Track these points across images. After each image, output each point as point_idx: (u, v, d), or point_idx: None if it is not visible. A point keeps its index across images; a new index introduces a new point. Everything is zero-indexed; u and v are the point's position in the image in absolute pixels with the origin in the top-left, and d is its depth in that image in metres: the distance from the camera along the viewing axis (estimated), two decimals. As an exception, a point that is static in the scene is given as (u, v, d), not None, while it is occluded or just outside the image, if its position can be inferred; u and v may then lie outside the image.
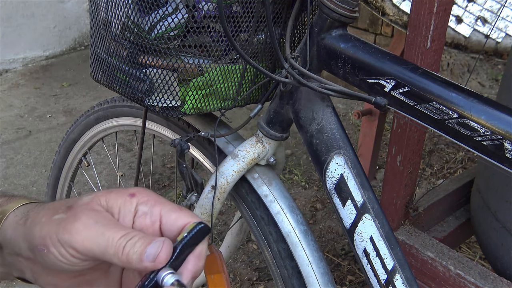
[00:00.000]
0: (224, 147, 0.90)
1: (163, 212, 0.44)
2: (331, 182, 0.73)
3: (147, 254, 0.40)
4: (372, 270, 0.71)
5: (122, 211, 0.44)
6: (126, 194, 0.44)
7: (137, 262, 0.40)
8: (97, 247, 0.40)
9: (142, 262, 0.40)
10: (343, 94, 0.67)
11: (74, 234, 0.40)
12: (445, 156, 2.38)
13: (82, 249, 0.40)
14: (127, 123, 1.09)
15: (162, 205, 0.44)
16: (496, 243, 1.06)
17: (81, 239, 0.40)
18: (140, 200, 0.44)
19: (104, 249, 0.40)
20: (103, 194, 0.44)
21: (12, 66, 3.40)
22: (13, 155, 2.40)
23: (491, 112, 0.56)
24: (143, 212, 0.44)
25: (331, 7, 0.67)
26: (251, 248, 1.83)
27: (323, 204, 2.05)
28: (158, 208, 0.44)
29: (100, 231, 0.41)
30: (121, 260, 0.40)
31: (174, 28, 0.75)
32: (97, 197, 0.44)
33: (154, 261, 0.40)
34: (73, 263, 0.41)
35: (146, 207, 0.44)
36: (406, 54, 0.86)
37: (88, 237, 0.40)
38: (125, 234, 0.41)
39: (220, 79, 0.82)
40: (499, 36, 1.31)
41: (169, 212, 0.44)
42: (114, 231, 0.41)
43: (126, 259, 0.40)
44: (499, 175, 1.02)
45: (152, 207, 0.44)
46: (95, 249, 0.40)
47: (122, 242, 0.40)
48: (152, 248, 0.40)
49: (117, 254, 0.40)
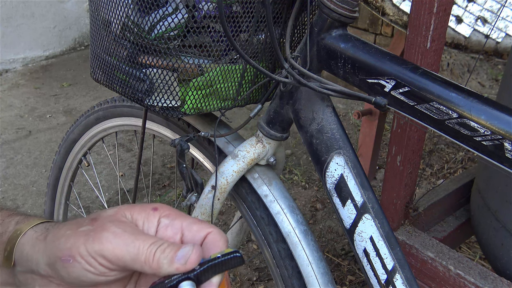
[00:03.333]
0: (224, 147, 0.90)
1: (184, 224, 0.45)
2: (331, 182, 0.73)
3: (178, 257, 0.41)
4: (372, 270, 0.71)
5: (146, 224, 0.45)
6: (149, 208, 0.46)
7: (168, 266, 0.41)
8: (127, 254, 0.41)
9: (173, 264, 0.41)
10: (343, 94, 0.67)
11: (104, 243, 0.41)
12: (445, 156, 2.38)
13: (112, 257, 0.41)
14: (127, 123, 1.09)
15: (184, 218, 0.46)
16: (496, 243, 1.06)
17: (111, 248, 0.41)
18: (163, 214, 0.46)
19: (135, 256, 0.41)
20: (127, 207, 0.46)
21: (12, 66, 3.40)
22: (13, 155, 2.40)
23: (491, 112, 0.56)
24: (165, 225, 0.46)
25: (331, 7, 0.67)
26: (251, 248, 1.83)
27: (323, 204, 2.05)
28: (180, 221, 0.46)
29: (129, 240, 0.42)
30: (151, 267, 0.41)
31: (174, 28, 0.75)
32: (121, 210, 0.45)
33: (185, 263, 0.41)
34: (100, 272, 0.42)
35: (168, 220, 0.46)
36: (406, 54, 0.86)
37: (118, 246, 0.41)
38: (155, 242, 0.42)
39: (220, 79, 0.82)
40: (499, 36, 1.31)
41: (191, 224, 0.45)
42: (143, 239, 0.42)
43: (157, 265, 0.41)
44: (499, 175, 1.02)
45: (173, 220, 0.46)
46: (125, 256, 0.41)
47: (153, 249, 0.42)
48: (182, 251, 0.42)
49: (148, 261, 0.41)
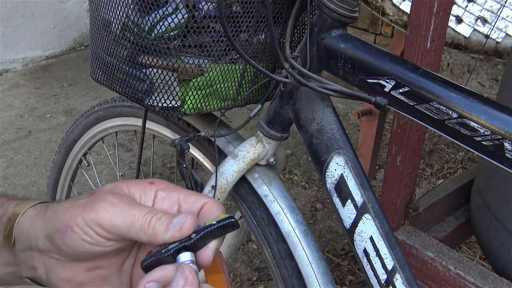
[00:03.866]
0: (224, 147, 0.90)
1: (181, 197, 0.46)
2: (331, 182, 0.73)
3: (173, 224, 0.42)
4: (372, 270, 0.71)
5: (143, 196, 0.46)
6: (146, 182, 0.47)
7: (163, 233, 0.41)
8: (123, 222, 0.42)
9: (168, 231, 0.41)
10: (343, 94, 0.67)
11: (101, 212, 0.42)
12: (445, 156, 2.38)
13: (108, 225, 0.42)
14: (127, 123, 1.09)
15: (181, 191, 0.47)
16: (496, 243, 1.06)
17: (108, 216, 0.42)
18: (159, 187, 0.47)
19: (131, 224, 0.42)
20: (124, 182, 0.47)
21: (12, 66, 3.40)
22: (13, 155, 2.40)
23: (491, 112, 0.56)
24: (162, 197, 0.46)
25: (331, 7, 0.67)
26: (251, 248, 1.83)
27: (323, 204, 2.05)
28: (177, 193, 0.46)
29: (126, 209, 0.42)
30: (147, 234, 0.42)
31: (174, 28, 0.75)
32: (119, 185, 0.46)
33: (180, 230, 0.41)
34: (97, 242, 0.42)
35: (164, 193, 0.46)
36: (406, 54, 0.86)
37: (114, 214, 0.42)
38: (151, 211, 0.43)
39: (220, 79, 0.82)
40: (499, 36, 1.31)
41: (188, 196, 0.46)
42: (139, 208, 0.43)
43: (152, 232, 0.42)
44: (499, 175, 1.02)
45: (170, 192, 0.46)
46: (121, 224, 0.42)
47: (148, 217, 0.42)
48: (178, 219, 0.42)
49: (143, 228, 0.42)
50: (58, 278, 0.45)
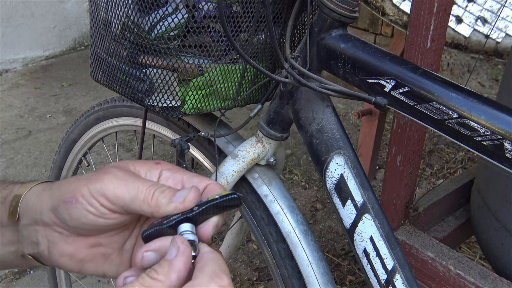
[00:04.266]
0: (224, 147, 0.90)
1: (185, 177, 0.47)
2: (331, 182, 0.73)
3: (176, 196, 0.43)
4: (372, 270, 0.71)
5: (148, 174, 0.47)
6: (152, 162, 0.48)
7: (166, 205, 0.42)
8: (127, 193, 0.43)
9: (171, 203, 0.42)
10: (343, 94, 0.67)
11: (105, 182, 0.43)
12: (445, 156, 2.38)
13: (112, 196, 0.42)
14: (127, 123, 1.09)
15: (184, 172, 0.48)
16: (496, 243, 1.06)
17: (112, 187, 0.43)
18: (165, 167, 0.48)
19: (134, 195, 0.43)
20: (130, 161, 0.48)
21: (12, 66, 3.40)
22: (13, 155, 2.40)
23: (491, 112, 0.56)
24: (167, 176, 0.47)
25: (331, 7, 0.67)
26: (251, 248, 1.83)
27: (323, 204, 2.05)
28: (180, 174, 0.47)
29: (130, 181, 0.43)
30: (150, 205, 0.42)
31: (174, 28, 0.75)
32: (125, 162, 0.48)
33: (183, 202, 0.42)
34: (101, 213, 0.43)
35: (169, 173, 0.47)
36: (406, 54, 0.86)
37: (118, 186, 0.43)
38: (154, 184, 0.44)
39: (220, 79, 0.82)
40: (499, 36, 1.31)
41: (192, 177, 0.47)
42: (144, 181, 0.44)
43: (155, 203, 0.42)
44: (499, 175, 1.02)
45: (174, 173, 0.47)
46: (125, 195, 0.43)
47: (152, 189, 0.43)
48: (181, 192, 0.43)
49: (146, 199, 0.42)
50: (60, 253, 0.46)
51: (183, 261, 0.38)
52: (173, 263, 0.38)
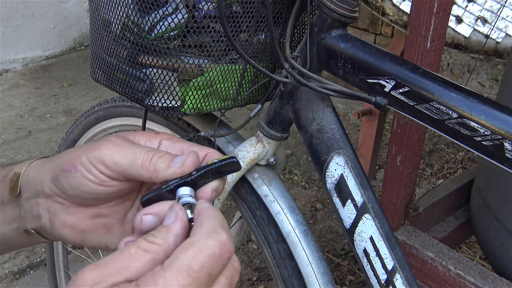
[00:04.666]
0: (224, 147, 0.90)
1: (185, 146, 0.47)
2: (331, 182, 0.73)
3: (175, 161, 0.43)
4: (372, 270, 0.71)
5: (147, 143, 0.47)
6: (151, 132, 0.49)
7: (165, 169, 0.42)
8: (125, 159, 0.43)
9: (170, 168, 0.42)
10: (343, 94, 0.67)
11: (103, 149, 0.43)
12: (445, 156, 2.38)
13: (110, 162, 0.43)
14: (127, 123, 1.09)
15: (184, 142, 0.48)
16: (496, 243, 1.06)
17: (110, 153, 0.43)
18: (164, 137, 0.48)
19: (132, 161, 0.43)
20: (131, 132, 0.49)
21: (12, 66, 3.40)
22: (13, 155, 2.40)
23: (491, 112, 0.56)
24: (166, 145, 0.47)
25: (331, 7, 0.67)
26: (251, 248, 1.83)
27: (323, 204, 2.05)
28: (180, 144, 0.47)
29: (127, 147, 0.44)
30: (148, 170, 0.42)
31: (174, 28, 0.75)
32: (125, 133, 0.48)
33: (182, 166, 0.42)
34: (100, 180, 0.43)
35: (169, 142, 0.47)
36: (406, 54, 0.86)
37: (116, 152, 0.43)
38: (152, 150, 0.44)
39: (220, 79, 0.82)
40: (499, 36, 1.31)
41: (191, 146, 0.47)
42: (142, 147, 0.44)
43: (154, 168, 0.42)
44: (499, 175, 1.02)
45: (174, 142, 0.47)
46: (123, 161, 0.43)
47: (150, 154, 0.43)
48: (180, 157, 0.43)
49: (144, 164, 0.42)
50: (62, 224, 0.46)
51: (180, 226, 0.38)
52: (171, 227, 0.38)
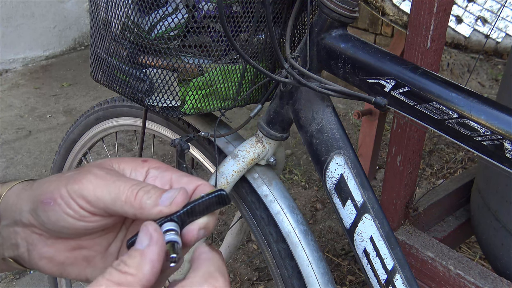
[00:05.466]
0: (224, 147, 0.90)
1: (174, 177, 0.43)
2: (331, 182, 0.73)
3: (163, 198, 0.39)
4: (372, 270, 0.71)
5: (133, 173, 0.43)
6: (139, 160, 0.44)
7: (151, 207, 0.38)
8: (107, 194, 0.39)
9: (157, 206, 0.38)
10: (343, 94, 0.67)
11: (84, 183, 0.39)
12: (445, 156, 2.38)
13: (92, 198, 0.39)
14: (127, 123, 1.09)
15: (173, 171, 0.44)
16: (496, 243, 1.06)
17: (91, 188, 0.39)
18: (152, 165, 0.44)
19: (115, 196, 0.39)
20: (116, 158, 0.44)
21: (12, 66, 3.40)
22: (13, 155, 2.40)
23: (491, 112, 0.56)
24: (154, 176, 0.43)
25: (331, 7, 0.67)
26: (251, 248, 1.83)
27: (323, 204, 2.05)
28: (170, 173, 0.43)
29: (111, 180, 0.39)
30: (133, 206, 0.38)
31: (174, 28, 0.75)
32: (110, 160, 0.44)
33: (170, 205, 0.38)
34: (80, 216, 0.40)
35: (157, 172, 0.43)
36: (406, 54, 0.86)
37: (98, 186, 0.39)
38: (138, 183, 0.40)
39: (220, 79, 0.82)
40: (499, 36, 1.31)
41: (181, 176, 0.43)
42: (126, 180, 0.40)
43: (139, 205, 0.38)
44: (499, 175, 1.02)
45: (163, 172, 0.43)
46: (105, 196, 0.39)
47: (135, 189, 0.39)
48: (168, 193, 0.39)
49: (129, 200, 0.38)
50: (40, 256, 0.43)
51: (156, 251, 0.34)
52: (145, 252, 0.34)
